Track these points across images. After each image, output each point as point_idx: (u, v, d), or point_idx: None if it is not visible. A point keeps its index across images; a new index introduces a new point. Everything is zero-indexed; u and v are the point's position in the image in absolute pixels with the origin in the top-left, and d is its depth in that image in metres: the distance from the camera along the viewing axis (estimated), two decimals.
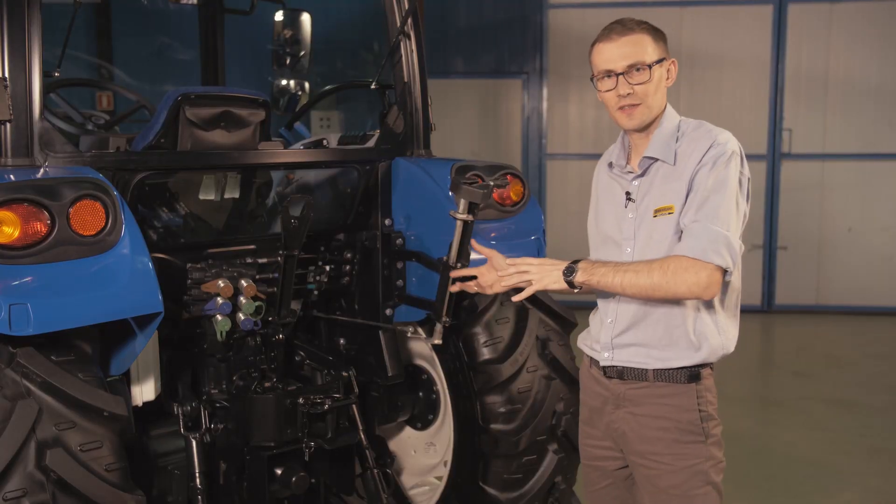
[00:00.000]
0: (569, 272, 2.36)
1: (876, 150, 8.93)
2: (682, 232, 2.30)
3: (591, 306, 2.64)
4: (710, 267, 2.22)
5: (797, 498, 4.52)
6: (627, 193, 2.45)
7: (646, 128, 2.41)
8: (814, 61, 8.93)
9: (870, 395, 6.30)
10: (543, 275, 2.40)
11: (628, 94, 2.34)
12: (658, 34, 2.38)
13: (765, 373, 7.11)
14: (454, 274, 2.82)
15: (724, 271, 2.25)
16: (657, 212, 2.35)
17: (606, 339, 2.45)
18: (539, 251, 3.31)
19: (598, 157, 2.64)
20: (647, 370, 2.39)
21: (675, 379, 2.37)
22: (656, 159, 2.39)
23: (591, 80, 2.43)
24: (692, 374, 2.36)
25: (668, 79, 2.39)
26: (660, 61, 2.35)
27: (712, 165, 2.28)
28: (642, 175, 2.42)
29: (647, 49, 2.33)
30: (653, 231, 2.37)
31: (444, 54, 9.37)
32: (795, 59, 8.96)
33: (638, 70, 2.32)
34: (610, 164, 2.54)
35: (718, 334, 2.38)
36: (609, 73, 2.36)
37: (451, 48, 9.42)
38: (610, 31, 2.37)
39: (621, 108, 2.37)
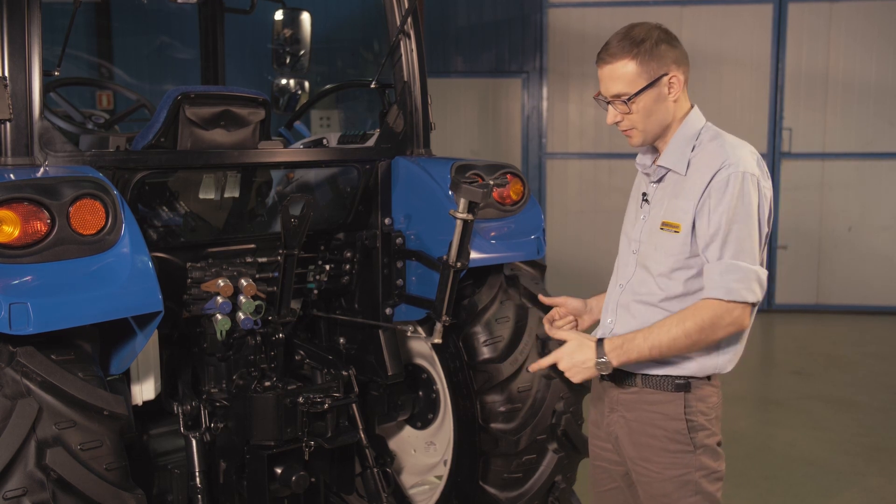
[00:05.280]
0: (603, 367, 2.25)
1: (876, 149, 8.93)
2: (697, 262, 2.25)
3: None
4: (742, 305, 2.19)
5: (797, 497, 4.52)
6: (644, 194, 2.43)
7: (662, 136, 2.35)
8: (814, 60, 8.93)
9: (870, 394, 6.31)
10: (575, 372, 2.30)
11: (617, 122, 2.32)
12: (650, 54, 2.24)
13: (765, 372, 7.10)
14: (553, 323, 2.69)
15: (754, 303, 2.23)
16: (664, 225, 2.30)
17: (603, 336, 2.43)
18: (539, 250, 3.31)
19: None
20: (634, 374, 2.37)
21: (662, 386, 2.33)
22: (669, 169, 2.34)
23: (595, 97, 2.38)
24: (679, 384, 2.32)
25: (669, 93, 2.29)
26: (649, 86, 2.25)
27: (723, 191, 2.19)
28: (658, 181, 2.38)
29: (628, 79, 2.24)
30: (658, 243, 2.32)
31: (443, 53, 9.37)
32: (795, 59, 8.96)
33: (622, 101, 2.27)
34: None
35: (717, 353, 2.33)
36: (603, 97, 2.33)
37: (451, 47, 9.42)
38: (600, 55, 2.30)
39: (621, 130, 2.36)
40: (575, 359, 2.29)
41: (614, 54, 2.26)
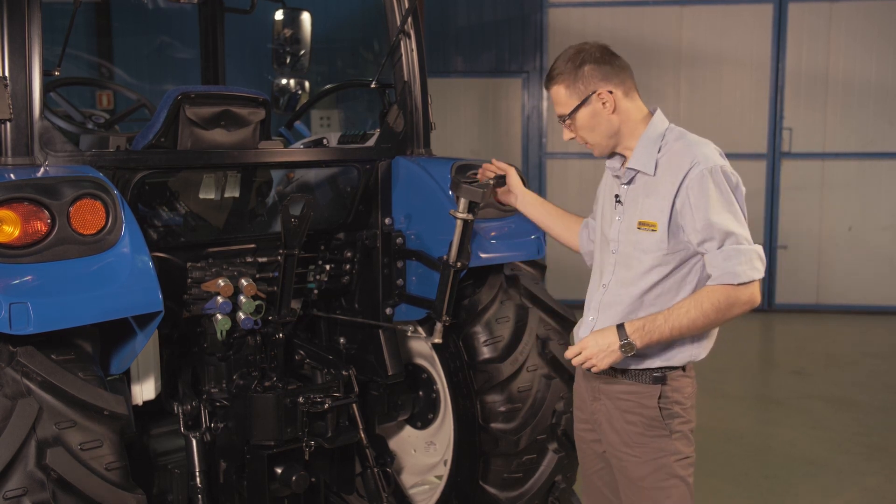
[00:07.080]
0: (628, 348, 2.35)
1: (876, 149, 8.93)
2: (674, 258, 2.38)
3: None
4: (752, 284, 2.32)
5: (797, 497, 4.52)
6: (616, 196, 2.54)
7: (624, 143, 2.49)
8: (814, 60, 8.93)
9: (870, 394, 6.31)
10: (602, 357, 2.38)
11: (571, 137, 2.52)
12: (574, 76, 2.42)
13: (765, 372, 7.10)
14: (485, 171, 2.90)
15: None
16: (641, 225, 2.43)
17: (585, 334, 2.54)
18: (539, 250, 3.32)
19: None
20: (615, 370, 2.49)
21: (640, 379, 2.47)
22: (638, 170, 2.46)
23: None
24: (656, 377, 2.45)
25: (604, 107, 2.43)
26: (581, 105, 2.42)
27: (701, 187, 2.32)
28: (629, 183, 2.50)
29: (563, 101, 2.46)
30: (636, 242, 2.44)
31: (443, 53, 9.37)
32: (795, 58, 8.95)
33: (563, 120, 2.50)
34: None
35: (692, 343, 2.45)
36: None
37: (451, 47, 9.42)
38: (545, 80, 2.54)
39: None
40: (600, 344, 2.38)
41: (551, 79, 2.49)
